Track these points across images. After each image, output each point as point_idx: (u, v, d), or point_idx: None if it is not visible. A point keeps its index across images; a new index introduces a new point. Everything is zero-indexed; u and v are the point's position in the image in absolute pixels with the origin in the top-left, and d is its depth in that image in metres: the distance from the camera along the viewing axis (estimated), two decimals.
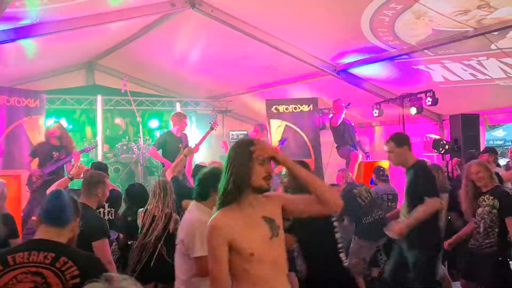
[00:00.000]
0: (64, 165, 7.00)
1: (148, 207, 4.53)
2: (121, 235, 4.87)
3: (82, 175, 4.60)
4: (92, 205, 3.95)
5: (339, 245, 3.64)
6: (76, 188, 5.11)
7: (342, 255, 3.63)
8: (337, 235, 3.66)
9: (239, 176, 2.35)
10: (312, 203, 2.46)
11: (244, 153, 2.39)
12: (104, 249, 3.67)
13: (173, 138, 7.54)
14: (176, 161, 5.95)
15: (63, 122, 8.80)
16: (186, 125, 7.78)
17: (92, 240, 3.62)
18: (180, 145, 7.38)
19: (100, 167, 5.06)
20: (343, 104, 8.60)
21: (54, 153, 6.83)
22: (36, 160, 6.92)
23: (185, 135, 7.83)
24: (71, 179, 4.81)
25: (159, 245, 4.32)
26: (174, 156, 7.23)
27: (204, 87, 10.70)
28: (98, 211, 4.48)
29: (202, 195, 3.30)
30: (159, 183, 4.62)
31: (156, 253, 4.30)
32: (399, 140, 4.50)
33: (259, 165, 2.38)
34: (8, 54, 7.28)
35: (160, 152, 7.60)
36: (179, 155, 6.94)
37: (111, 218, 5.02)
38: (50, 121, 8.72)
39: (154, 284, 4.47)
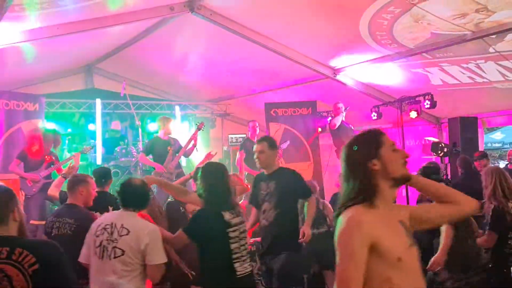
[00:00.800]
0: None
1: None
2: None
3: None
4: (79, 204, 4.08)
5: (235, 255, 3.61)
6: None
7: (237, 265, 3.60)
8: (234, 245, 3.61)
9: (371, 171, 2.06)
10: (444, 209, 2.20)
11: (371, 141, 2.11)
12: None
13: (160, 141, 7.67)
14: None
15: (51, 125, 8.79)
16: (171, 128, 7.91)
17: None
18: (168, 148, 7.47)
19: (104, 172, 5.09)
20: (340, 106, 8.61)
21: (47, 157, 6.91)
22: (22, 165, 6.98)
23: (174, 139, 7.90)
24: (65, 178, 4.94)
25: None
26: (163, 159, 7.33)
27: (203, 91, 10.71)
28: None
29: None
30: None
31: None
32: (273, 143, 4.68)
33: (392, 151, 2.10)
34: (7, 57, 7.28)
35: (151, 157, 7.69)
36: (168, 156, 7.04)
37: None
38: (50, 125, 8.73)
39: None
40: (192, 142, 7.63)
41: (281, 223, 4.43)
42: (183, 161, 8.89)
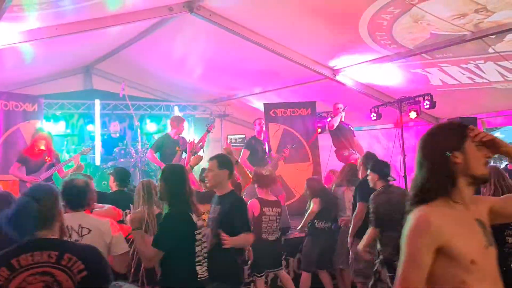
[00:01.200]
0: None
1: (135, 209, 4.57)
2: None
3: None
4: None
5: (197, 258, 3.56)
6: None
7: (198, 268, 3.56)
8: (197, 248, 3.56)
9: (452, 163, 1.94)
10: None
11: (457, 133, 1.99)
12: None
13: (170, 141, 7.64)
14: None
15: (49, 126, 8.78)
16: (184, 128, 7.86)
17: None
18: (177, 148, 7.44)
19: (125, 172, 5.14)
20: (339, 107, 8.60)
21: (47, 158, 6.86)
22: (23, 168, 6.90)
23: (183, 138, 7.87)
24: None
25: None
26: (171, 158, 7.30)
27: (202, 91, 10.70)
28: None
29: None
30: (143, 185, 4.62)
31: None
32: (224, 162, 4.13)
33: (476, 149, 1.97)
34: (6, 58, 7.27)
35: (157, 155, 7.64)
36: (176, 157, 7.04)
37: None
38: (48, 126, 8.71)
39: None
40: (200, 143, 7.63)
41: (215, 255, 3.84)
42: None
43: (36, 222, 2.18)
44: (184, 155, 7.51)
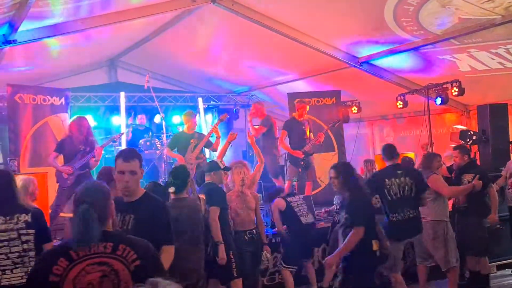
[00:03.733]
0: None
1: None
2: None
3: None
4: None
5: (4, 262, 3.54)
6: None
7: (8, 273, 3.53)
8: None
9: None
10: None
11: None
12: None
13: (184, 136, 7.68)
14: (223, 149, 6.11)
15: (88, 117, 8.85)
16: (196, 123, 7.89)
17: None
18: (192, 141, 7.47)
19: None
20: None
21: (81, 146, 6.69)
22: (61, 156, 6.84)
23: (200, 133, 8.01)
24: None
25: None
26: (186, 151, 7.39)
27: (226, 82, 10.70)
28: None
29: None
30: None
31: None
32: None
33: None
34: (32, 53, 7.38)
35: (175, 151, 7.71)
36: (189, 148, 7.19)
37: None
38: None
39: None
40: (214, 134, 7.63)
41: None
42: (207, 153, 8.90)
43: (96, 225, 2.26)
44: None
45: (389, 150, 5.41)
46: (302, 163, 7.55)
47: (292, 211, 5.76)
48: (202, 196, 4.74)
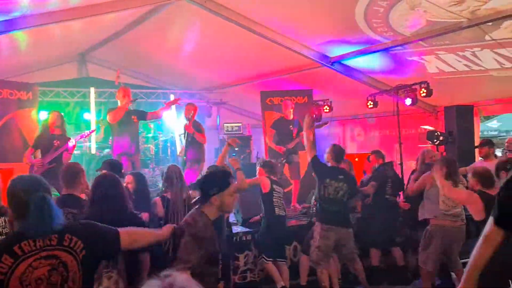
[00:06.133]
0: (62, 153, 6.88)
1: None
2: None
3: None
4: (78, 194, 4.09)
5: None
6: None
7: None
8: None
9: None
10: None
11: None
12: None
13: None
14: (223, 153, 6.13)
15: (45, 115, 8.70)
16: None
17: None
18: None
19: (114, 164, 5.10)
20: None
21: (55, 141, 6.70)
22: (38, 151, 6.79)
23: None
24: None
25: None
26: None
27: (198, 79, 10.64)
28: None
29: None
30: (172, 170, 4.95)
31: None
32: None
33: None
34: None
35: None
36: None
37: None
38: (44, 114, 8.65)
39: None
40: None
41: None
42: None
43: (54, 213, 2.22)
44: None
45: (339, 153, 5.74)
46: (282, 159, 7.72)
47: (270, 199, 5.80)
48: None
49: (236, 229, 6.48)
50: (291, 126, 8.07)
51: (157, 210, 4.91)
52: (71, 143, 6.67)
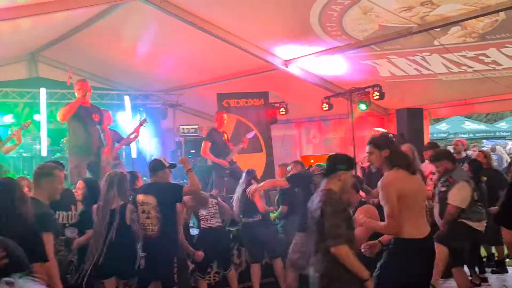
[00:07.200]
0: None
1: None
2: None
3: None
4: (43, 199, 3.76)
5: None
6: None
7: None
8: None
9: None
10: None
11: None
12: (46, 242, 3.52)
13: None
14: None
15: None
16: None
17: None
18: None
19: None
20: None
21: None
22: None
23: (114, 131, 7.86)
24: None
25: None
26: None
27: (153, 80, 10.50)
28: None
29: None
30: (112, 176, 4.68)
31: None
32: None
33: None
34: None
35: None
36: None
37: None
38: None
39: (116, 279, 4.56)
40: (135, 134, 7.56)
41: None
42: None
43: None
44: None
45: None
46: (228, 171, 7.59)
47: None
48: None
49: None
50: (223, 138, 8.00)
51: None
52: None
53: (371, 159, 3.68)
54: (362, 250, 3.65)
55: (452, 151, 7.29)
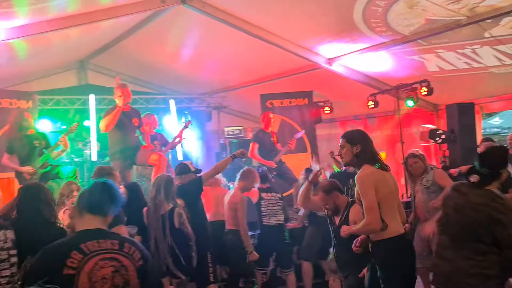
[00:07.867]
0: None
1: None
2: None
3: None
4: None
5: None
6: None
7: None
8: None
9: None
10: None
11: None
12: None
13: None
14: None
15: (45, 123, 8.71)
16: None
17: None
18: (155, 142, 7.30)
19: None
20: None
21: (35, 142, 6.42)
22: (14, 156, 6.39)
23: (161, 134, 7.92)
24: None
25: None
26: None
27: (198, 84, 10.63)
28: None
29: None
30: (160, 180, 4.80)
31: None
32: None
33: None
34: None
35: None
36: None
37: None
38: (44, 122, 8.64)
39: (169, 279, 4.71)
40: (178, 139, 7.66)
41: None
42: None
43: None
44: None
45: None
46: (275, 172, 7.56)
47: (259, 208, 5.79)
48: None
49: None
50: (271, 138, 7.93)
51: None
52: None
53: (341, 153, 3.60)
54: (354, 250, 3.65)
55: (507, 146, 6.98)
